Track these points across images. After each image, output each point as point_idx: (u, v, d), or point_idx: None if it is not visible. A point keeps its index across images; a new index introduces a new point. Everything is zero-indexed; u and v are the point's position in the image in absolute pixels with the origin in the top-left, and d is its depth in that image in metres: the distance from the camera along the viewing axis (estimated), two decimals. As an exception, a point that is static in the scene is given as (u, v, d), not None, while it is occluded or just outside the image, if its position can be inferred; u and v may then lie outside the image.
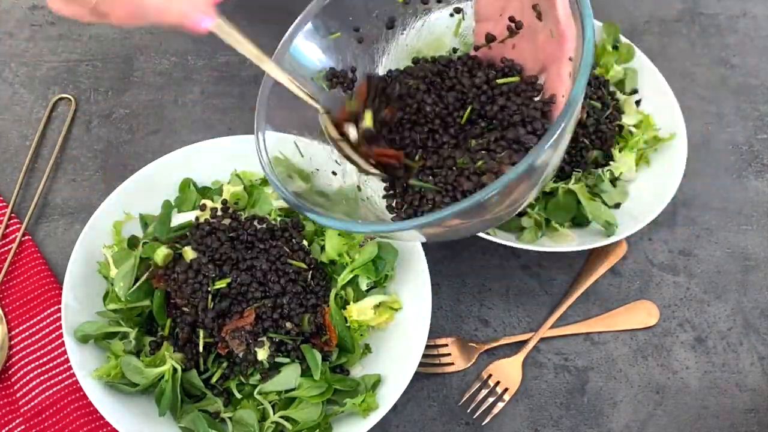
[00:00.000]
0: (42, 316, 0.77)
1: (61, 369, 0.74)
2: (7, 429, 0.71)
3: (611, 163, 0.86)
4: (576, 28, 0.57)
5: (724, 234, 0.90)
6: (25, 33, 1.01)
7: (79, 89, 0.96)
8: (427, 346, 0.77)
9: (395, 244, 0.75)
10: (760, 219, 0.91)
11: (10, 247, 0.82)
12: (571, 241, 0.81)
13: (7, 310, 0.78)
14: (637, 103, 0.92)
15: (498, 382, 0.77)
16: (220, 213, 0.76)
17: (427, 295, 0.73)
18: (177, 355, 0.69)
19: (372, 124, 0.61)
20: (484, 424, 0.75)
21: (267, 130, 0.63)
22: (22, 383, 0.73)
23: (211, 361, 0.70)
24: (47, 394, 0.72)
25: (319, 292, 0.73)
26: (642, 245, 0.88)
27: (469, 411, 0.75)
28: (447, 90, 0.67)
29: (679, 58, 1.06)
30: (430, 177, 0.63)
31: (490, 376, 0.77)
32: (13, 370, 0.74)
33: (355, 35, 0.69)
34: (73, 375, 0.72)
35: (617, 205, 0.85)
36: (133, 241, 0.75)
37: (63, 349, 0.74)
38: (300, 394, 0.68)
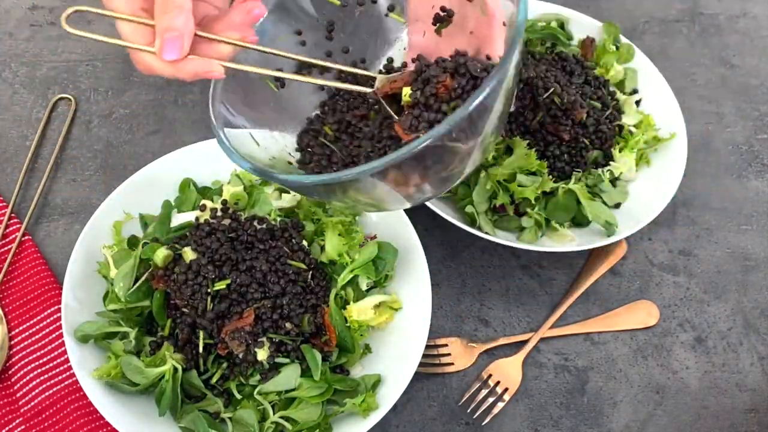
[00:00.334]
0: (42, 316, 0.77)
1: (61, 369, 0.74)
2: (7, 429, 0.71)
3: (611, 163, 0.86)
4: None
5: (724, 234, 0.90)
6: (25, 33, 1.01)
7: (79, 89, 0.96)
8: (427, 346, 0.77)
9: (395, 244, 0.75)
10: (760, 219, 0.91)
11: (10, 247, 0.82)
12: (571, 241, 0.81)
13: (7, 310, 0.78)
14: (637, 103, 0.93)
15: (498, 382, 0.77)
16: (220, 213, 0.76)
17: (427, 295, 0.73)
18: (177, 355, 0.69)
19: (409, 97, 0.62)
20: (484, 424, 0.75)
21: (226, 128, 0.66)
22: (22, 383, 0.73)
23: (211, 361, 0.70)
24: (47, 394, 0.72)
25: (319, 293, 0.73)
26: (642, 245, 0.88)
27: (469, 411, 0.75)
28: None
29: (679, 58, 1.06)
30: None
31: (490, 376, 0.77)
32: (13, 370, 0.74)
33: (298, 39, 0.71)
34: (73, 375, 0.72)
35: (617, 205, 0.85)
36: (133, 241, 0.75)
37: (63, 349, 0.74)
38: (300, 395, 0.68)
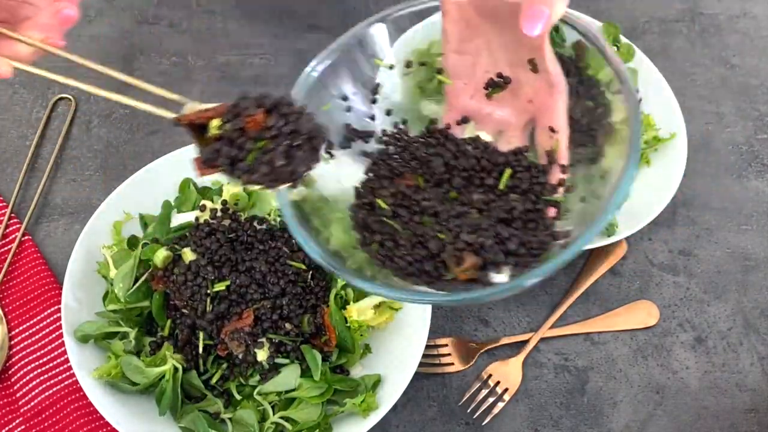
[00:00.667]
0: (42, 316, 0.77)
1: (61, 369, 0.74)
2: (7, 429, 0.71)
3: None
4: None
5: (724, 234, 0.90)
6: (25, 33, 1.01)
7: (79, 89, 0.96)
8: (427, 346, 0.77)
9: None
10: (760, 219, 0.91)
11: (10, 247, 0.82)
12: (571, 241, 0.81)
13: (7, 310, 0.78)
14: (636, 103, 0.92)
15: (498, 382, 0.77)
16: (219, 214, 0.76)
17: (427, 295, 0.73)
18: (177, 355, 0.69)
19: (217, 128, 0.58)
20: (484, 424, 0.75)
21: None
22: (22, 383, 0.73)
23: (211, 362, 0.70)
24: (47, 394, 0.72)
25: (319, 293, 0.73)
26: (642, 245, 0.88)
27: (469, 411, 0.75)
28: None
29: (679, 58, 1.06)
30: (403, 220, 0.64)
31: (490, 376, 0.77)
32: (13, 370, 0.74)
33: (344, 104, 0.69)
34: (73, 375, 0.72)
35: (617, 206, 0.85)
36: (133, 242, 0.75)
37: (63, 349, 0.73)
38: (300, 395, 0.68)
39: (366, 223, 0.66)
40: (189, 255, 0.70)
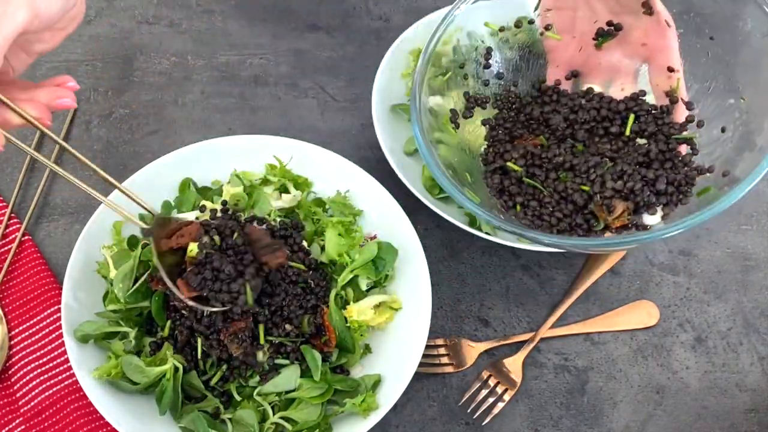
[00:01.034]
0: (42, 316, 0.77)
1: (61, 369, 0.74)
2: (7, 429, 0.71)
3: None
4: None
5: (724, 234, 0.90)
6: (25, 33, 1.01)
7: (79, 89, 0.96)
8: (427, 346, 0.77)
9: (395, 244, 0.75)
10: (760, 219, 0.91)
11: (10, 247, 0.82)
12: (571, 241, 0.81)
13: (7, 310, 0.78)
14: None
15: (498, 382, 0.77)
16: (219, 214, 0.76)
17: (427, 295, 0.73)
18: (177, 356, 0.69)
19: (195, 255, 0.64)
20: (484, 424, 0.75)
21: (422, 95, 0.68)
22: (22, 383, 0.73)
23: (210, 364, 0.70)
24: (47, 394, 0.72)
25: (319, 293, 0.73)
26: (642, 245, 0.88)
27: (469, 411, 0.75)
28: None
29: (679, 58, 1.06)
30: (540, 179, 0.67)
31: (490, 376, 0.77)
32: (13, 370, 0.74)
33: (461, 72, 0.73)
34: (73, 375, 0.72)
35: (617, 205, 0.85)
36: (132, 242, 0.75)
37: (63, 349, 0.73)
38: (300, 395, 0.68)
39: (503, 187, 0.68)
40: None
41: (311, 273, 0.73)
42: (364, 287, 0.75)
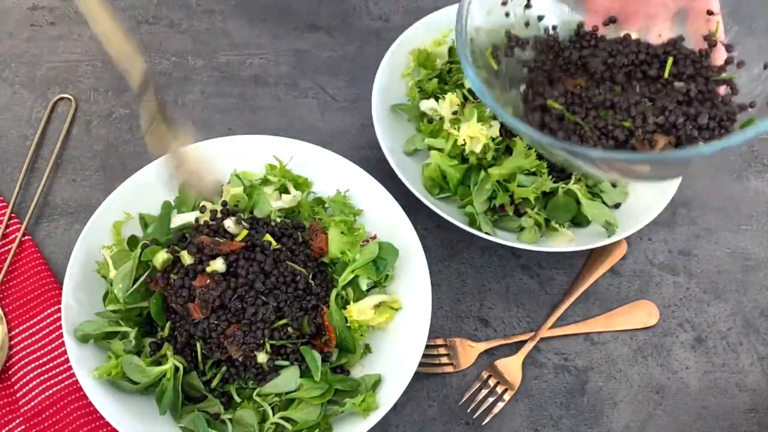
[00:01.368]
0: (42, 316, 0.77)
1: (61, 369, 0.74)
2: (7, 429, 0.71)
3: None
4: None
5: (724, 234, 0.90)
6: (25, 33, 1.01)
7: (79, 89, 0.96)
8: (427, 346, 0.77)
9: (396, 244, 0.75)
10: (760, 219, 0.91)
11: (10, 247, 0.82)
12: (571, 241, 0.81)
13: (7, 310, 0.78)
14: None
15: (498, 382, 0.77)
16: (220, 215, 0.76)
17: (427, 295, 0.73)
18: (177, 357, 0.69)
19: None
20: (484, 424, 0.75)
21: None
22: (22, 383, 0.73)
23: (209, 365, 0.70)
24: (47, 394, 0.72)
25: (320, 293, 0.73)
26: (642, 245, 0.88)
27: (469, 411, 0.75)
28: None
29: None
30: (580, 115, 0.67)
31: (490, 376, 0.77)
32: (13, 370, 0.74)
33: (503, 10, 0.71)
34: (73, 375, 0.72)
35: (617, 205, 0.85)
36: (132, 242, 0.75)
37: (63, 349, 0.74)
38: (301, 395, 0.68)
39: (543, 124, 0.68)
40: (187, 258, 0.69)
41: (312, 272, 0.73)
42: (364, 287, 0.75)
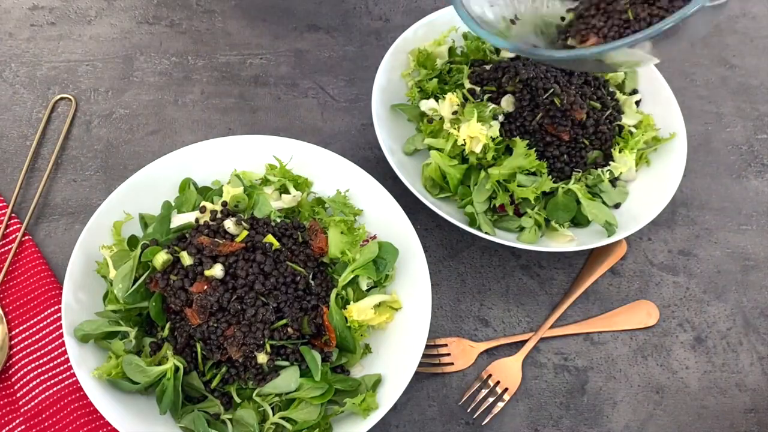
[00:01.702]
0: (42, 316, 0.77)
1: (61, 369, 0.74)
2: (7, 429, 0.71)
3: (611, 163, 0.86)
4: None
5: (723, 234, 0.90)
6: (25, 33, 1.01)
7: (79, 89, 0.96)
8: (427, 346, 0.77)
9: (396, 244, 0.75)
10: (760, 219, 0.91)
11: (10, 247, 0.82)
12: (571, 241, 0.81)
13: (7, 310, 0.78)
14: (636, 103, 0.92)
15: (498, 382, 0.77)
16: (220, 216, 0.76)
17: (427, 295, 0.73)
18: (177, 357, 0.69)
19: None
20: (484, 423, 0.75)
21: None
22: (22, 383, 0.73)
23: (209, 365, 0.70)
24: (47, 394, 0.72)
25: (320, 293, 0.73)
26: (642, 245, 0.88)
27: (469, 411, 0.75)
28: None
29: (679, 58, 1.06)
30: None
31: (490, 376, 0.77)
32: (13, 370, 0.74)
33: None
34: (73, 375, 0.72)
35: (617, 205, 0.85)
36: (132, 242, 0.75)
37: (63, 349, 0.74)
38: (301, 395, 0.68)
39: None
40: (186, 258, 0.69)
41: (312, 272, 0.73)
42: (364, 287, 0.75)
